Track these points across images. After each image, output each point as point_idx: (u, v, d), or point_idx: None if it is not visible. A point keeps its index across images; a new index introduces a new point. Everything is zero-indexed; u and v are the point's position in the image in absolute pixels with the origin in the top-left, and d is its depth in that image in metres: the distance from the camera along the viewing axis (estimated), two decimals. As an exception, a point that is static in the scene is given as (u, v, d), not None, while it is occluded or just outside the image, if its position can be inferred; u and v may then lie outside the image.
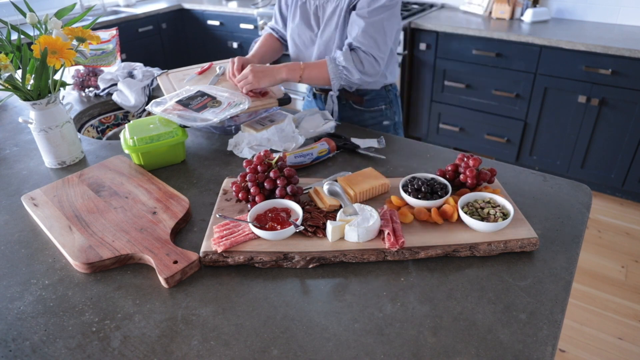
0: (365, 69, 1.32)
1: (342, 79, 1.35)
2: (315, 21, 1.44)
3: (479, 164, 1.01)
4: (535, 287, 0.80)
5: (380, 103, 1.53)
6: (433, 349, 0.70)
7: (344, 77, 1.34)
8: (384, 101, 1.53)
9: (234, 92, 1.30)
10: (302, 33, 1.48)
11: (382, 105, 1.53)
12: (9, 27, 1.22)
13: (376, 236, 0.89)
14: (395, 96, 1.57)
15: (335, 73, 1.33)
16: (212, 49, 3.94)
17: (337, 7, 1.37)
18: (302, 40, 1.49)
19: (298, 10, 1.46)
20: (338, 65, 1.33)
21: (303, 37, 1.48)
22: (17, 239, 0.96)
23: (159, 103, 1.26)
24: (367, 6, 1.29)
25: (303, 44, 1.50)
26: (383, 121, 1.55)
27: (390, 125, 1.57)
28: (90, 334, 0.73)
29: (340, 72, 1.33)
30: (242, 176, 0.99)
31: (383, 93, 1.52)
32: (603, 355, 1.81)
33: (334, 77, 1.34)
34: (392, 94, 1.55)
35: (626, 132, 2.46)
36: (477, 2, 3.03)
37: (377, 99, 1.52)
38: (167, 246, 0.88)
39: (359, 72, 1.33)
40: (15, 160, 1.28)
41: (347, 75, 1.33)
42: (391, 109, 1.56)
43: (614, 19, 2.75)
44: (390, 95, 1.54)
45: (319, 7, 1.42)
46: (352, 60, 1.31)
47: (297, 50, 1.53)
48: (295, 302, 0.78)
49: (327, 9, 1.40)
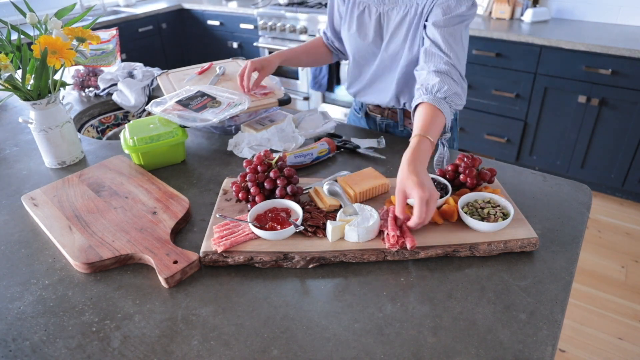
0: (463, 85, 1.10)
1: (452, 108, 1.06)
2: (377, 32, 1.24)
3: (479, 164, 1.01)
4: (535, 287, 0.80)
5: None
6: (433, 349, 0.70)
7: (454, 105, 1.06)
8: None
9: (234, 92, 1.30)
10: (360, 46, 1.29)
11: None
12: (9, 27, 1.22)
13: (376, 236, 0.89)
14: (456, 120, 1.41)
15: (444, 106, 1.02)
16: (212, 49, 3.94)
17: (407, 16, 1.17)
18: (361, 53, 1.31)
19: (355, 20, 1.27)
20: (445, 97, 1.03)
21: (362, 51, 1.30)
22: (17, 239, 0.96)
23: (159, 103, 1.26)
24: (443, 14, 1.09)
25: (362, 57, 1.32)
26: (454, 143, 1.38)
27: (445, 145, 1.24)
28: (90, 334, 0.73)
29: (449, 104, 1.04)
30: (242, 176, 0.99)
31: None
32: (603, 355, 1.81)
33: (448, 114, 1.04)
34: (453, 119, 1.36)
35: (626, 132, 2.46)
36: (477, 2, 3.03)
37: None
38: (167, 246, 0.88)
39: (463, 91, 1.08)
40: (15, 160, 1.28)
41: (456, 101, 1.06)
42: (451, 136, 1.34)
43: (614, 19, 2.75)
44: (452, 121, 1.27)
45: (383, 14, 1.22)
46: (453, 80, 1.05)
47: (356, 64, 1.35)
48: (295, 302, 0.78)
49: (392, 17, 1.20)
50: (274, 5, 3.52)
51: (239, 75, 1.32)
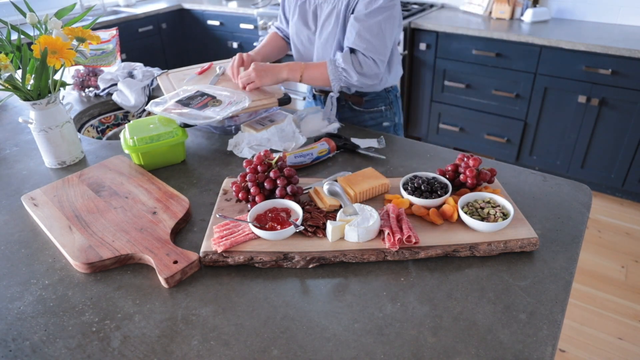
0: (364, 71, 1.32)
1: (341, 81, 1.35)
2: (313, 21, 1.44)
3: (479, 164, 1.01)
4: (535, 287, 0.80)
5: (379, 104, 1.52)
6: (433, 349, 0.70)
7: (343, 79, 1.34)
8: (384, 102, 1.53)
9: (234, 91, 1.30)
10: (300, 32, 1.48)
11: (382, 106, 1.53)
12: (9, 27, 1.22)
13: (376, 236, 0.89)
14: (396, 97, 1.57)
15: (334, 74, 1.34)
16: (212, 49, 3.94)
17: (335, 9, 1.36)
18: (300, 40, 1.50)
19: (297, 9, 1.46)
20: (337, 67, 1.33)
21: (301, 37, 1.49)
22: (17, 239, 0.96)
23: (158, 103, 1.26)
24: (365, 9, 1.29)
25: (302, 44, 1.50)
26: (383, 122, 1.55)
27: (390, 126, 1.57)
28: (90, 334, 0.73)
29: (339, 73, 1.33)
30: (242, 176, 0.99)
31: (383, 94, 1.52)
32: (603, 355, 1.81)
33: (334, 79, 1.34)
34: (392, 95, 1.54)
35: (626, 132, 2.46)
36: (477, 2, 3.03)
37: (376, 100, 1.52)
38: (167, 246, 0.88)
39: (358, 74, 1.32)
40: (15, 160, 1.28)
41: (347, 77, 1.33)
42: (391, 110, 1.55)
43: (614, 19, 2.75)
44: (390, 97, 1.54)
45: (318, 6, 1.41)
46: (352, 62, 1.31)
47: (298, 49, 1.53)
48: (295, 302, 0.78)
49: (324, 9, 1.40)
50: (274, 5, 3.52)
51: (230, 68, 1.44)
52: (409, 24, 2.83)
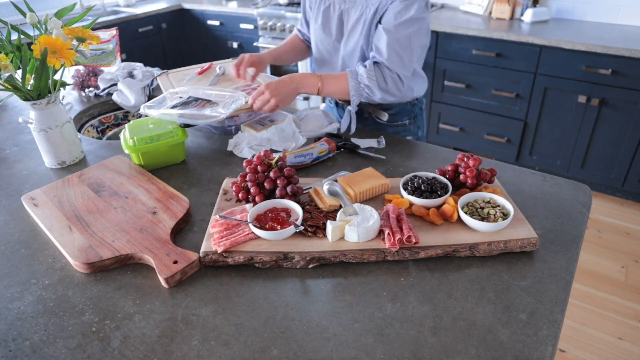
0: (389, 87, 1.25)
1: (362, 97, 1.27)
2: (338, 28, 1.34)
3: (479, 164, 1.01)
4: (535, 287, 0.80)
5: (404, 118, 1.44)
6: (433, 349, 0.70)
7: (364, 95, 1.27)
8: (408, 116, 1.44)
9: (224, 89, 1.30)
10: (322, 39, 1.39)
11: (406, 120, 1.44)
12: (9, 27, 1.22)
13: (376, 236, 0.89)
14: (421, 110, 1.48)
15: (356, 90, 1.26)
16: (212, 49, 3.94)
17: (362, 16, 1.27)
18: (325, 47, 1.41)
19: (320, 14, 1.36)
20: (360, 82, 1.25)
21: (325, 44, 1.40)
22: (17, 239, 0.96)
23: (151, 107, 1.25)
24: (394, 19, 1.20)
25: (326, 51, 1.41)
26: (406, 136, 1.46)
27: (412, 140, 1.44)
28: (90, 334, 0.73)
29: (361, 89, 1.26)
30: (242, 176, 0.99)
31: (408, 107, 1.44)
32: (603, 355, 1.81)
33: (355, 94, 1.26)
34: (417, 108, 1.46)
35: (626, 132, 2.46)
36: (477, 2, 3.03)
37: (401, 114, 1.44)
38: (167, 246, 0.88)
39: (382, 92, 1.25)
40: (15, 160, 1.28)
41: (369, 94, 1.26)
42: (415, 124, 1.47)
43: (614, 19, 2.75)
44: (415, 110, 1.45)
45: (344, 12, 1.31)
46: (376, 79, 1.23)
47: (321, 56, 1.44)
48: (295, 302, 0.78)
49: (351, 15, 1.29)
50: (274, 5, 3.52)
51: (235, 66, 1.39)
52: (409, 24, 2.83)
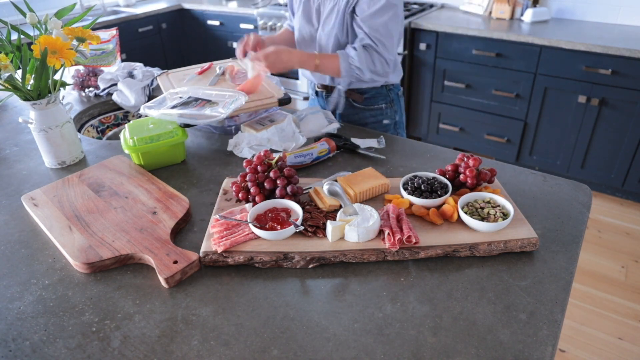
0: (377, 69, 1.35)
1: (352, 77, 1.38)
2: (316, 17, 1.46)
3: (479, 164, 1.01)
4: (535, 287, 0.80)
5: (380, 102, 1.53)
6: (433, 349, 0.70)
7: (354, 76, 1.37)
8: (384, 100, 1.53)
9: (224, 89, 1.30)
10: (302, 27, 1.50)
11: (382, 104, 1.53)
12: (9, 27, 1.22)
13: (376, 236, 0.89)
14: (397, 95, 1.57)
15: (347, 71, 1.36)
16: (212, 49, 3.94)
17: (335, 6, 1.38)
18: (302, 35, 1.52)
19: (302, 5, 1.48)
20: (351, 64, 1.35)
21: (303, 32, 1.50)
22: (17, 239, 0.95)
23: (151, 107, 1.25)
24: (368, 8, 1.30)
25: (303, 39, 1.52)
26: (383, 120, 1.56)
27: (390, 124, 1.57)
28: (90, 334, 0.73)
29: (352, 70, 1.36)
30: (242, 176, 0.99)
31: (384, 92, 1.53)
32: (603, 355, 1.81)
33: (346, 75, 1.37)
34: (393, 93, 1.55)
35: (626, 132, 2.46)
36: (477, 2, 3.03)
37: (377, 98, 1.52)
38: (167, 246, 0.88)
39: (371, 73, 1.36)
40: (15, 160, 1.28)
41: (359, 74, 1.36)
42: (392, 108, 1.56)
43: (614, 19, 2.75)
44: (391, 95, 1.54)
45: (321, 4, 1.43)
46: (365, 60, 1.33)
47: (299, 43, 1.55)
48: (295, 302, 0.78)
49: (326, 6, 1.41)
50: (274, 5, 3.52)
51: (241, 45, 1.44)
52: (409, 24, 2.83)
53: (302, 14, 1.48)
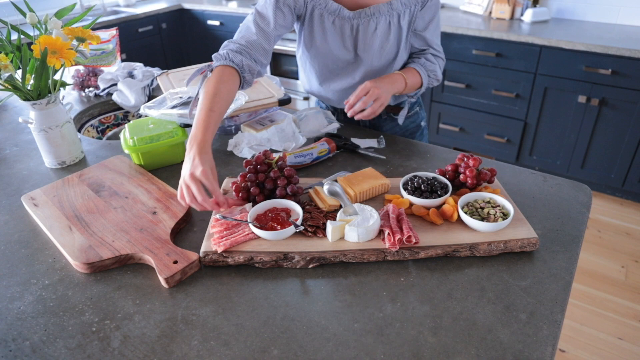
0: (439, 75, 1.35)
1: (431, 86, 1.36)
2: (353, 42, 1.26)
3: (479, 164, 1.01)
4: (535, 287, 0.80)
5: (415, 106, 1.49)
6: (433, 349, 0.70)
7: (432, 85, 1.36)
8: (417, 103, 1.50)
9: None
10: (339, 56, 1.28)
11: (417, 107, 1.50)
12: (9, 27, 1.22)
13: (376, 236, 0.89)
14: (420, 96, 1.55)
15: (428, 82, 1.32)
16: (212, 49, 3.93)
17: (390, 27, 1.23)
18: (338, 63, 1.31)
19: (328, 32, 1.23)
20: (432, 78, 1.32)
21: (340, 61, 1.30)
22: (17, 239, 0.96)
23: (151, 107, 1.25)
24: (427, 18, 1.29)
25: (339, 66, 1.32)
26: (421, 122, 1.53)
27: (426, 125, 1.56)
28: (90, 334, 0.73)
29: (431, 80, 1.33)
30: (242, 176, 0.99)
31: None
32: (603, 355, 1.81)
33: (425, 87, 1.33)
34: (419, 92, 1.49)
35: (626, 132, 2.46)
36: (477, 2, 3.03)
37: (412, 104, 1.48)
38: (167, 246, 0.88)
39: (438, 81, 1.35)
40: (15, 160, 1.28)
41: (433, 83, 1.35)
42: (422, 107, 1.54)
43: (614, 19, 2.75)
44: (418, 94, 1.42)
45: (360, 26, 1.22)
46: (440, 68, 1.34)
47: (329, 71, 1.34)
48: (295, 302, 0.78)
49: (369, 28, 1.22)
50: (274, 5, 3.52)
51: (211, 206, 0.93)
52: (409, 24, 2.83)
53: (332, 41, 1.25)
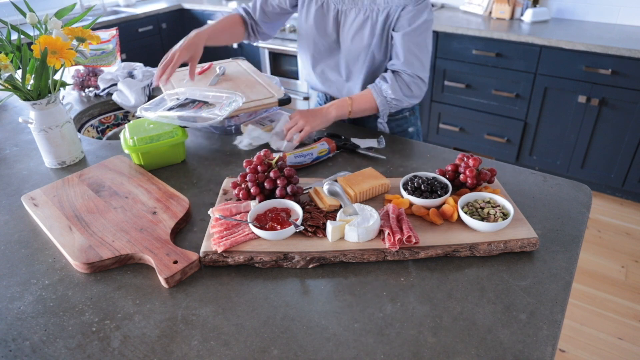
0: (414, 93, 1.29)
1: (391, 109, 1.32)
2: (334, 27, 1.32)
3: (479, 164, 1.01)
4: (535, 287, 0.80)
5: (404, 111, 1.47)
6: (433, 349, 0.70)
7: (393, 107, 1.31)
8: (408, 109, 1.48)
9: (221, 90, 1.30)
10: (319, 39, 1.36)
11: (407, 112, 1.48)
12: (9, 27, 1.22)
13: (376, 236, 0.89)
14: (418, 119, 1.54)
15: (384, 105, 1.29)
16: (212, 49, 3.92)
17: (368, 19, 1.26)
18: (322, 46, 1.38)
19: (312, 13, 1.33)
20: (386, 97, 1.28)
21: (321, 44, 1.37)
22: (17, 239, 0.96)
23: (147, 109, 1.25)
24: (409, 24, 1.23)
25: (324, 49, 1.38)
26: (408, 128, 1.50)
27: (414, 132, 1.52)
28: (90, 334, 0.73)
29: (389, 103, 1.29)
30: (242, 176, 0.99)
31: None
32: (603, 355, 1.81)
33: (383, 109, 1.30)
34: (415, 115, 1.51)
35: (626, 132, 2.46)
36: (477, 2, 3.03)
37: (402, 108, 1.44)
38: (167, 246, 0.88)
39: (408, 98, 1.29)
40: (15, 160, 1.28)
41: (397, 104, 1.30)
42: (414, 114, 1.51)
43: (614, 19, 2.75)
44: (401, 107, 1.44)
45: (341, 13, 1.29)
46: (400, 89, 1.27)
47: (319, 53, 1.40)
48: (295, 302, 0.78)
49: (349, 17, 1.28)
50: (274, 5, 3.52)
51: (162, 65, 1.27)
52: (409, 24, 2.83)
53: (315, 24, 1.33)
